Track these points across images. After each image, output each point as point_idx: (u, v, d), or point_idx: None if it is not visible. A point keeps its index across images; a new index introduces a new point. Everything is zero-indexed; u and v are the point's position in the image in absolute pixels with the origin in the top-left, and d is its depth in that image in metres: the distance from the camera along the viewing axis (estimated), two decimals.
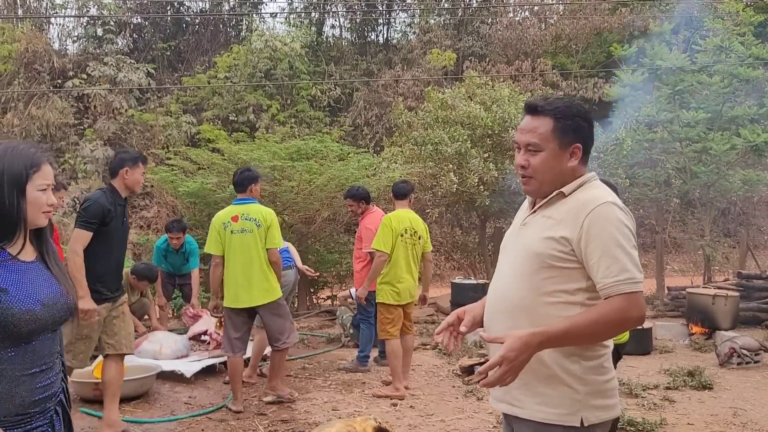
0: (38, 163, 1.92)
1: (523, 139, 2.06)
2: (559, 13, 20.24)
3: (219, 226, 5.16)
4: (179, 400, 5.51)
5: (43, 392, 1.93)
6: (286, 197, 8.85)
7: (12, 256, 1.90)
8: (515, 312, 2.02)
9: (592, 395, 1.97)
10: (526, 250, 2.04)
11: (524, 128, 2.06)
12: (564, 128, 2.02)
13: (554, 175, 2.03)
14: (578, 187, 2.03)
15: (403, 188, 5.94)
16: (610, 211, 1.94)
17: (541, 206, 2.08)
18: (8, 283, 1.85)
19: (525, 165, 2.05)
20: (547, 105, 2.04)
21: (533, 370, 1.95)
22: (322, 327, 8.95)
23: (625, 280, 1.89)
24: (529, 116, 2.07)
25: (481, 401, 5.46)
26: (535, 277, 1.98)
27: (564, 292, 1.96)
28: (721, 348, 6.92)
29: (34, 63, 16.26)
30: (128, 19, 19.21)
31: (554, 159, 2.02)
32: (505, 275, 2.11)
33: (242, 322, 5.21)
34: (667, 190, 12.13)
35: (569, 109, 2.04)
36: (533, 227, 2.06)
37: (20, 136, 14.63)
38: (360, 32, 21.98)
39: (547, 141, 2.01)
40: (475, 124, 10.57)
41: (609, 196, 2.00)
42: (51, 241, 2.07)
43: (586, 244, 1.92)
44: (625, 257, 1.90)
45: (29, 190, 1.89)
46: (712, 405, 5.46)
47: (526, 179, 2.07)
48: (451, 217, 12.07)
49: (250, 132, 15.27)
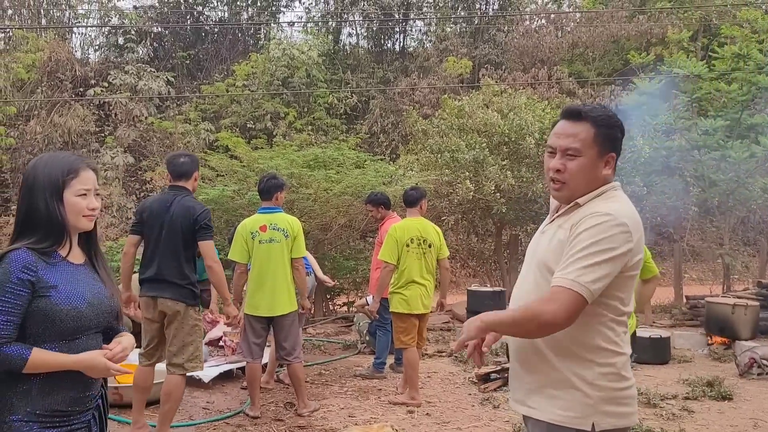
0: (76, 169, 2.00)
1: (562, 143, 2.02)
2: (576, 20, 20.20)
3: (246, 235, 5.16)
4: (197, 405, 5.56)
5: (84, 391, 2.01)
6: (303, 204, 8.92)
7: (63, 257, 2.00)
8: None
9: (605, 401, 1.98)
10: (538, 258, 2.08)
11: (563, 132, 2.03)
12: (604, 136, 2.01)
13: (587, 183, 2.02)
14: (594, 197, 2.02)
15: (413, 196, 5.85)
16: (602, 221, 1.92)
17: (558, 216, 2.10)
18: (58, 281, 1.94)
19: (561, 169, 2.02)
20: (590, 111, 2.02)
21: (548, 374, 2.01)
22: (338, 334, 8.98)
23: (567, 276, 1.88)
24: (568, 121, 2.05)
25: (498, 409, 5.45)
26: (546, 284, 2.00)
27: None
28: (741, 358, 6.86)
29: (56, 72, 16.55)
30: (149, 29, 19.48)
31: (591, 166, 2.01)
32: (522, 283, 2.16)
33: (262, 329, 5.24)
34: (686, 198, 12.03)
35: (610, 119, 2.03)
36: (547, 236, 2.10)
37: (42, 144, 14.89)
38: (376, 40, 22.11)
39: (588, 147, 2.00)
40: (492, 132, 10.58)
41: (615, 209, 1.96)
42: (99, 245, 2.17)
43: (570, 245, 1.95)
44: (583, 262, 1.88)
45: (67, 195, 1.98)
46: (732, 416, 5.41)
47: (558, 184, 2.04)
48: (466, 225, 12.06)
49: (267, 139, 15.40)
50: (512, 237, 12.18)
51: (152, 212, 4.41)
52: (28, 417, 1.90)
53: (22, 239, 1.96)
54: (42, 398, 1.92)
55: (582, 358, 1.98)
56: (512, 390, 2.18)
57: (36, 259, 1.92)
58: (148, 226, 4.41)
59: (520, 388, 2.12)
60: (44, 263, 1.94)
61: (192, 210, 4.32)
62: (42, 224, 1.96)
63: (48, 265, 1.95)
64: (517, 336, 2.05)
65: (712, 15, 17.05)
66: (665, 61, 11.24)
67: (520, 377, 2.12)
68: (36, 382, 1.92)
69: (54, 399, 1.94)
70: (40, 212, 1.96)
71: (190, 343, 4.37)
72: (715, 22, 16.55)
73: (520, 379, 2.12)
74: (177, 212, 4.32)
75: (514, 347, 2.14)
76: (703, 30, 17.75)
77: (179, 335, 4.34)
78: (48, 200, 1.96)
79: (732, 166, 10.60)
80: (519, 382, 2.13)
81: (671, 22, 17.22)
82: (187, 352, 4.36)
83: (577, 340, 1.98)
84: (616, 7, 19.02)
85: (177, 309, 4.33)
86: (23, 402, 1.90)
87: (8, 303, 1.87)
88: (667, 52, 11.83)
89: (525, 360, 2.08)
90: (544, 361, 2.02)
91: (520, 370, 2.11)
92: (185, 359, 4.36)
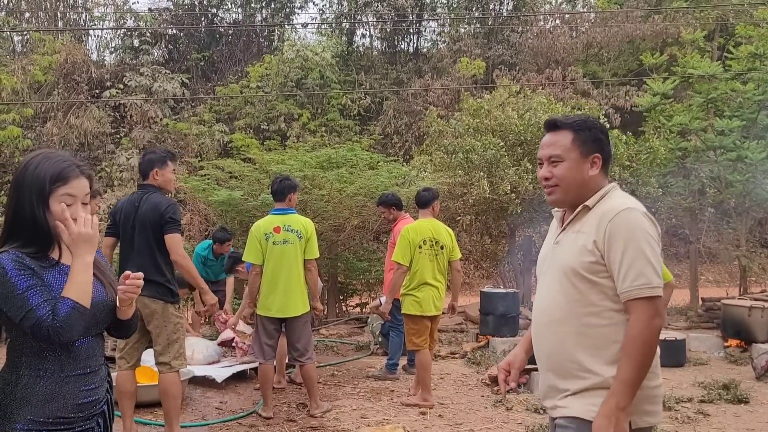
0: (65, 177, 1.90)
1: (545, 153, 2.19)
2: (591, 20, 20.09)
3: (260, 236, 5.16)
4: (210, 405, 5.59)
5: (86, 396, 1.95)
6: (316, 205, 8.93)
7: (56, 260, 1.94)
8: (560, 325, 2.09)
9: (643, 400, 2.00)
10: (562, 267, 2.11)
11: (545, 144, 2.20)
12: (583, 139, 2.14)
13: (577, 184, 2.13)
14: (600, 199, 2.12)
15: (425, 197, 5.82)
16: (631, 216, 2.01)
17: (569, 222, 2.16)
18: (52, 283, 1.88)
19: (549, 176, 2.16)
20: (566, 120, 2.20)
21: (587, 379, 2.03)
22: (351, 335, 8.99)
23: (642, 285, 1.95)
24: (549, 133, 2.21)
25: (510, 411, 5.43)
26: (574, 291, 2.05)
27: (606, 300, 2.03)
28: (758, 361, 6.78)
29: (73, 74, 16.72)
30: (164, 31, 19.64)
31: (576, 168, 2.14)
32: (546, 293, 2.18)
33: (274, 330, 5.26)
34: (701, 199, 11.93)
35: (586, 122, 2.19)
36: (566, 244, 2.14)
37: (59, 145, 15.05)
38: (390, 41, 22.14)
39: (568, 151, 2.14)
40: (507, 131, 10.54)
41: (630, 203, 2.07)
42: None
43: (608, 251, 2.00)
44: (643, 262, 1.96)
45: (52, 202, 1.89)
46: (748, 419, 5.35)
47: (550, 189, 2.17)
48: (480, 226, 12.03)
49: (281, 141, 15.45)
50: (526, 238, 12.12)
51: (123, 213, 4.44)
52: (30, 425, 1.85)
53: (10, 242, 1.89)
54: (43, 405, 1.86)
55: (617, 359, 1.99)
56: (547, 399, 2.17)
57: (29, 261, 1.86)
58: (122, 227, 4.44)
59: (555, 395, 2.12)
60: (38, 266, 1.88)
61: (158, 205, 4.34)
62: (28, 229, 1.89)
63: (42, 268, 1.89)
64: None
65: (729, 14, 16.90)
66: (679, 62, 11.14)
67: (554, 385, 2.12)
68: (36, 389, 1.86)
69: (56, 405, 1.88)
70: (25, 216, 1.89)
71: (175, 341, 4.37)
72: (731, 22, 16.40)
73: (554, 387, 2.12)
74: (145, 210, 4.34)
75: (543, 355, 2.16)
76: (719, 30, 17.60)
77: (163, 334, 4.33)
78: (34, 205, 1.88)
79: (748, 166, 10.49)
80: (554, 390, 2.13)
81: (687, 21, 17.08)
82: (173, 350, 4.36)
83: (614, 342, 2.00)
84: (631, 7, 18.91)
85: (154, 307, 4.30)
86: (24, 409, 1.85)
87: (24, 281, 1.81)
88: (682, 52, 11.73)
89: (559, 368, 2.09)
90: (581, 369, 2.04)
91: (553, 377, 2.12)
92: (171, 357, 4.35)
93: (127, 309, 2.02)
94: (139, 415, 4.97)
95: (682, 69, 11.11)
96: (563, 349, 2.07)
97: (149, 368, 5.21)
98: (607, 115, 15.33)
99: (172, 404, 4.38)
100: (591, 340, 2.02)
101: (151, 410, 5.21)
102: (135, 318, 2.12)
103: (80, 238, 1.85)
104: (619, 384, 1.93)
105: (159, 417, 5.01)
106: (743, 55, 10.84)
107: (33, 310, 1.79)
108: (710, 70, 10.60)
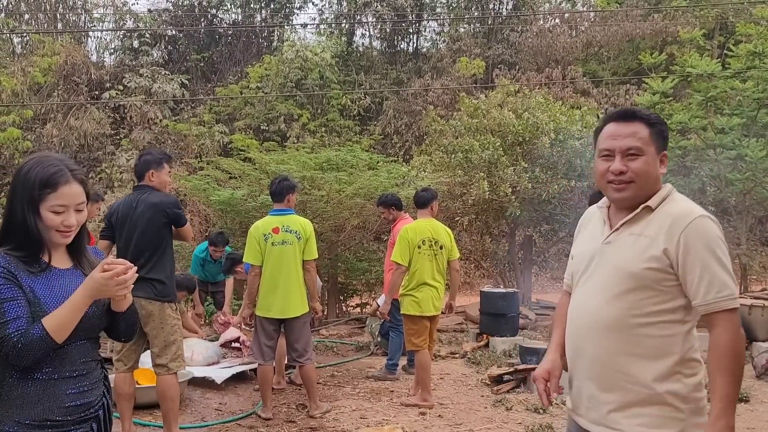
0: (54, 183, 1.87)
1: (622, 144, 2.01)
2: (590, 20, 20.08)
3: (259, 237, 5.16)
4: (210, 407, 5.59)
5: (76, 400, 1.90)
6: (316, 206, 8.93)
7: (47, 263, 1.93)
8: (610, 332, 1.98)
9: (695, 413, 1.94)
10: (618, 270, 1.98)
11: (620, 134, 2.02)
12: (658, 134, 2.02)
13: (652, 181, 2.01)
14: (662, 200, 2.00)
15: (424, 197, 5.82)
16: (707, 225, 1.93)
17: (626, 223, 2.03)
18: (40, 290, 1.86)
19: (624, 170, 1.99)
20: (641, 112, 2.05)
21: (635, 392, 1.94)
22: (351, 335, 8.99)
23: (727, 296, 1.88)
24: (621, 123, 2.04)
25: (510, 411, 5.43)
26: (630, 296, 1.95)
27: (664, 311, 1.94)
28: (758, 360, 6.77)
29: (72, 75, 16.74)
30: (163, 32, 19.65)
31: (653, 164, 2.01)
32: (594, 295, 2.05)
33: (273, 330, 5.25)
34: (702, 197, 11.91)
35: (659, 118, 2.07)
36: (622, 246, 2.01)
37: (59, 146, 15.06)
38: (390, 41, 22.12)
39: (648, 145, 2.00)
40: (506, 131, 10.53)
41: (700, 209, 1.98)
42: (87, 249, 2.08)
43: (684, 260, 1.90)
44: (724, 273, 1.89)
45: (42, 209, 1.87)
46: (749, 418, 5.34)
47: (623, 185, 2.00)
48: (480, 225, 12.03)
49: (281, 141, 15.45)
50: (526, 238, 12.12)
51: (120, 215, 4.43)
52: (17, 427, 1.81)
53: (6, 244, 1.88)
54: (30, 407, 1.83)
55: (672, 371, 1.93)
56: (584, 409, 2.06)
57: (16, 266, 1.84)
58: (118, 229, 4.43)
59: (596, 407, 2.00)
60: (27, 272, 1.86)
61: (160, 204, 4.35)
62: (19, 233, 1.87)
63: (31, 274, 1.87)
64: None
65: (729, 12, 16.88)
66: (677, 61, 11.12)
67: (595, 396, 2.01)
68: (22, 391, 1.83)
69: (43, 408, 1.84)
70: (17, 220, 1.87)
71: (172, 342, 4.36)
72: (731, 20, 16.38)
73: (595, 398, 2.01)
74: (143, 210, 4.34)
75: (585, 362, 2.04)
76: (719, 28, 17.58)
77: (160, 336, 4.33)
78: (25, 209, 1.86)
79: (749, 165, 10.47)
80: (594, 401, 2.01)
81: (687, 20, 17.07)
82: (171, 352, 4.35)
83: (675, 359, 1.93)
84: (631, 6, 18.90)
85: (150, 309, 4.29)
86: (11, 411, 1.82)
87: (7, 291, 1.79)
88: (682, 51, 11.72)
89: (603, 378, 1.99)
90: (632, 381, 1.94)
91: (595, 389, 2.01)
92: (169, 359, 4.35)
93: (121, 302, 1.98)
94: (138, 416, 4.97)
95: (681, 68, 11.09)
96: (610, 357, 1.96)
97: (150, 370, 5.21)
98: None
99: (171, 406, 4.37)
100: (643, 350, 1.92)
101: (150, 411, 5.21)
102: (132, 315, 2.06)
103: (109, 284, 1.82)
104: (722, 402, 1.82)
105: (158, 418, 5.00)
106: (742, 53, 10.82)
107: (5, 324, 1.77)
108: (709, 69, 10.58)
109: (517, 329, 7.95)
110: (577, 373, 2.07)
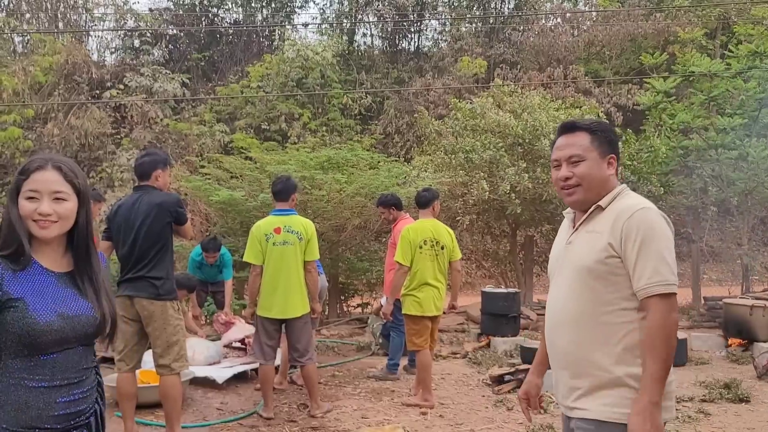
0: (27, 170, 1.85)
1: (563, 154, 2.21)
2: (592, 19, 20.07)
3: (260, 237, 5.15)
4: (211, 406, 5.58)
5: (64, 408, 1.85)
6: (317, 206, 8.93)
7: (39, 264, 1.87)
8: (577, 323, 2.13)
9: None
10: (577, 267, 2.15)
11: (562, 145, 2.23)
12: (600, 139, 2.19)
13: (598, 183, 2.17)
14: (613, 199, 2.16)
15: (425, 197, 5.81)
16: (646, 216, 2.06)
17: (582, 223, 2.20)
18: (24, 292, 1.80)
19: (569, 176, 2.18)
20: (581, 122, 2.26)
21: (599, 377, 2.07)
22: (352, 335, 8.98)
23: (658, 282, 2.00)
24: (564, 135, 2.24)
25: (511, 411, 5.42)
26: (589, 289, 2.10)
27: (619, 299, 2.07)
28: (759, 360, 6.76)
29: (73, 74, 16.74)
30: (164, 31, 19.66)
31: (597, 167, 2.17)
32: (560, 292, 2.22)
33: (274, 330, 5.25)
34: (704, 197, 11.91)
35: (601, 125, 2.26)
36: (579, 244, 2.18)
37: (60, 146, 15.05)
38: (391, 41, 22.12)
39: (588, 151, 2.17)
40: (506, 132, 10.52)
41: (644, 202, 2.12)
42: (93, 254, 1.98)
43: (624, 249, 2.05)
44: (658, 260, 2.01)
45: (20, 198, 1.85)
46: (749, 419, 5.33)
47: (571, 189, 2.19)
48: (481, 225, 12.02)
49: (282, 141, 15.44)
50: (527, 238, 12.12)
51: (121, 215, 4.42)
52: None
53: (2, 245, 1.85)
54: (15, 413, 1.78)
55: (630, 356, 2.05)
56: (562, 397, 2.22)
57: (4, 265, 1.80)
58: (120, 229, 4.42)
59: (570, 394, 2.16)
60: (11, 273, 1.80)
61: (164, 204, 4.35)
62: (5, 229, 1.84)
63: (15, 275, 1.80)
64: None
65: (731, 12, 16.86)
66: (678, 60, 11.11)
67: (565, 382, 2.18)
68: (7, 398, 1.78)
69: (30, 415, 1.79)
70: (5, 216, 1.85)
71: (175, 342, 4.35)
72: (733, 20, 16.35)
73: (565, 383, 2.18)
74: (144, 210, 4.33)
75: (559, 354, 2.20)
76: (722, 28, 17.56)
77: (162, 336, 4.31)
78: (10, 202, 1.85)
79: (750, 164, 10.47)
80: (564, 386, 2.18)
81: (689, 20, 17.05)
82: (173, 353, 4.34)
83: (630, 343, 2.05)
84: (633, 6, 18.88)
85: (152, 309, 4.28)
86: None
87: None
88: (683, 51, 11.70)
89: (573, 366, 2.14)
90: (596, 367, 2.08)
91: (568, 377, 2.16)
92: (171, 359, 4.34)
93: None
94: (140, 416, 4.97)
95: (682, 68, 11.08)
96: (577, 347, 2.12)
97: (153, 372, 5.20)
98: (608, 114, 15.31)
99: (173, 407, 4.37)
100: (605, 337, 2.07)
101: (152, 411, 5.20)
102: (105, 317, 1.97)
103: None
104: (647, 380, 1.97)
105: (160, 418, 5.00)
106: (743, 53, 10.82)
107: None
108: (712, 68, 10.58)
109: (519, 329, 7.94)
110: (555, 365, 2.24)
